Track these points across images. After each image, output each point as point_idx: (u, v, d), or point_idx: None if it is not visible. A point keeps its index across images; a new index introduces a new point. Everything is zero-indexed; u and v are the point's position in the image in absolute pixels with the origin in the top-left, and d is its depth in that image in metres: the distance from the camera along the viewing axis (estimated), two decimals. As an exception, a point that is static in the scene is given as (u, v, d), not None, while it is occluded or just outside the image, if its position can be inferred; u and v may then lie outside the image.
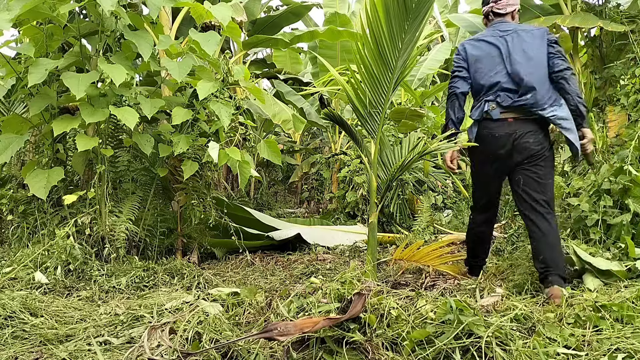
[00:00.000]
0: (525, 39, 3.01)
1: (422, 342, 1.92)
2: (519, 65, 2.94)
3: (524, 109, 2.91)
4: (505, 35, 3.05)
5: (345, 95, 3.49)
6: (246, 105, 5.12)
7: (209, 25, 4.93)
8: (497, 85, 2.97)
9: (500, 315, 2.13)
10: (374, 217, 3.39)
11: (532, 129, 2.90)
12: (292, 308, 2.29)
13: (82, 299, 3.07)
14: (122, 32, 3.51)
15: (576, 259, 2.82)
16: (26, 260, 3.36)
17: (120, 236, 3.70)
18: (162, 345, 2.04)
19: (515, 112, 2.93)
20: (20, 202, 3.94)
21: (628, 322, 2.07)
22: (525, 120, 2.92)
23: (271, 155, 4.31)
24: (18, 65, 3.66)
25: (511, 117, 2.93)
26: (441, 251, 3.37)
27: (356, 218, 6.56)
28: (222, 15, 3.62)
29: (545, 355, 1.83)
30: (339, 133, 8.19)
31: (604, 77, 5.20)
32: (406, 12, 3.07)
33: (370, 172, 3.43)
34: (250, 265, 4.22)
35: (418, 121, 6.37)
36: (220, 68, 3.86)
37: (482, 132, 3.01)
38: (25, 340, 2.37)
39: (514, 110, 2.92)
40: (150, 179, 4.21)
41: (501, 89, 2.96)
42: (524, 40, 3.00)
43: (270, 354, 2.07)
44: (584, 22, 4.83)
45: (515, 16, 3.21)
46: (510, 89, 2.94)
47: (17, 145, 3.49)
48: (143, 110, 3.51)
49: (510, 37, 3.03)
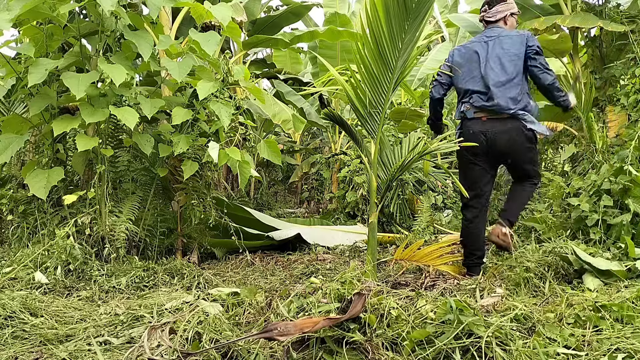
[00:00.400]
0: (503, 46, 3.32)
1: (422, 342, 1.92)
2: (491, 72, 3.29)
3: (493, 111, 3.28)
4: (488, 41, 3.37)
5: (345, 95, 3.49)
6: (246, 105, 5.11)
7: (209, 25, 4.93)
8: (471, 89, 3.35)
9: (500, 315, 2.13)
10: (374, 217, 3.39)
11: (503, 128, 3.26)
12: (292, 308, 2.28)
13: (82, 299, 3.07)
14: (122, 32, 3.50)
15: (576, 259, 2.82)
16: (26, 260, 3.36)
17: (120, 236, 3.70)
18: (162, 345, 2.04)
19: (485, 112, 3.31)
20: (20, 202, 3.93)
21: (628, 322, 2.07)
22: (496, 119, 3.28)
23: (271, 155, 4.31)
24: (18, 65, 3.66)
25: (484, 117, 3.31)
26: (441, 251, 3.38)
27: (356, 218, 6.55)
28: (222, 15, 3.61)
29: (545, 355, 1.83)
30: (339, 133, 8.19)
31: (604, 77, 5.20)
32: (406, 12, 3.07)
33: (370, 172, 3.43)
34: (250, 265, 4.22)
35: (418, 121, 6.37)
36: (220, 68, 3.86)
37: (463, 130, 3.39)
38: (25, 340, 2.37)
39: (485, 110, 3.30)
40: (150, 179, 4.21)
41: (474, 91, 3.34)
42: (502, 47, 3.31)
43: (270, 354, 2.07)
44: (584, 22, 4.82)
45: (508, 20, 3.47)
46: (481, 91, 3.31)
47: (17, 145, 3.48)
48: (143, 110, 3.50)
49: (492, 42, 3.35)
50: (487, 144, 3.28)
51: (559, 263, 2.85)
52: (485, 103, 3.29)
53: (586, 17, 4.90)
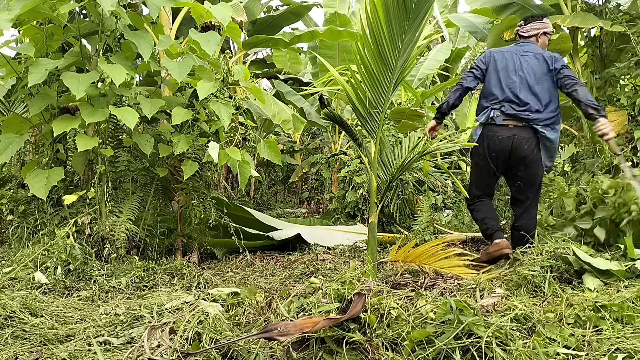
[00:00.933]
0: (533, 65, 3.52)
1: (422, 342, 1.92)
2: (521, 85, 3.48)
3: (522, 119, 3.45)
4: (525, 55, 3.56)
5: (345, 95, 3.49)
6: (246, 105, 5.12)
7: (209, 25, 4.94)
8: (503, 97, 3.50)
9: (500, 315, 2.13)
10: (374, 217, 3.39)
11: (527, 136, 3.45)
12: (292, 308, 2.28)
13: (82, 299, 3.06)
14: (122, 32, 3.51)
15: (575, 260, 2.82)
16: (26, 260, 3.36)
17: (120, 236, 3.70)
18: (162, 345, 2.04)
19: (514, 120, 3.47)
20: (20, 202, 3.93)
21: (628, 322, 2.07)
22: (522, 127, 3.46)
23: (271, 155, 4.31)
24: (18, 65, 3.66)
25: (512, 124, 3.47)
26: (434, 249, 3.37)
27: (356, 218, 6.55)
28: (222, 15, 3.61)
29: (545, 355, 1.83)
30: (339, 133, 8.19)
31: (604, 77, 5.20)
32: (406, 12, 3.07)
33: (370, 172, 3.43)
34: (250, 265, 4.22)
35: (418, 121, 6.36)
36: (220, 68, 3.86)
37: (487, 133, 3.54)
38: (25, 340, 2.37)
39: (514, 119, 3.47)
40: (150, 179, 4.21)
41: (506, 100, 3.49)
42: (532, 66, 3.51)
43: (270, 354, 2.07)
44: (584, 22, 4.82)
45: (540, 39, 3.69)
46: (513, 101, 3.48)
47: (17, 145, 3.49)
48: (143, 110, 3.50)
49: (525, 59, 3.54)
50: (511, 148, 3.47)
51: (560, 266, 2.85)
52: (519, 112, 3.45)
53: (586, 17, 4.90)
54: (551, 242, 3.10)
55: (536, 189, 3.59)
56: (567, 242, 3.08)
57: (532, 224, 3.54)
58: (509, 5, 5.49)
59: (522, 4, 5.44)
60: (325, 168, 8.08)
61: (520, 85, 3.47)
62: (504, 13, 5.52)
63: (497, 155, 3.50)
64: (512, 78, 3.51)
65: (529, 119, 3.43)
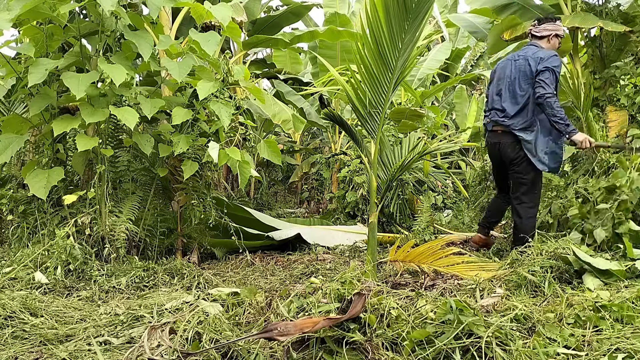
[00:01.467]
0: (521, 68, 3.60)
1: (422, 342, 1.92)
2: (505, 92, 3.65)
3: (502, 125, 3.67)
4: (517, 60, 3.65)
5: (345, 95, 3.49)
6: (246, 105, 5.12)
7: (209, 25, 4.94)
8: (491, 105, 3.77)
9: (500, 315, 2.13)
10: (374, 217, 3.39)
11: (509, 141, 3.65)
12: (292, 308, 2.29)
13: (82, 299, 3.07)
14: (122, 32, 3.51)
15: (575, 260, 2.82)
16: (26, 260, 3.36)
17: (120, 236, 3.70)
18: (162, 345, 2.04)
19: (499, 126, 3.70)
20: (20, 202, 3.93)
21: (628, 322, 2.07)
22: (505, 133, 3.67)
23: (271, 155, 4.31)
24: (18, 65, 3.66)
25: (499, 130, 3.72)
26: (433, 249, 3.37)
27: (356, 218, 6.55)
28: (222, 15, 3.61)
29: (545, 355, 1.83)
30: (339, 133, 8.19)
31: (603, 77, 5.19)
32: (406, 12, 3.07)
33: (370, 172, 3.43)
34: (250, 265, 4.22)
35: (418, 121, 6.37)
36: (220, 68, 3.86)
37: (486, 138, 3.91)
38: (25, 340, 2.37)
39: (498, 125, 3.70)
40: (150, 179, 4.21)
41: (492, 107, 3.75)
42: (520, 69, 3.60)
43: (270, 354, 2.07)
44: (584, 22, 4.82)
45: (551, 40, 3.73)
46: (497, 108, 3.70)
47: (17, 145, 3.49)
48: (143, 110, 3.50)
49: (517, 62, 3.64)
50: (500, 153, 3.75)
51: (560, 266, 2.85)
52: (499, 119, 3.68)
53: (586, 17, 4.89)
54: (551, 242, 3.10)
55: (526, 190, 3.67)
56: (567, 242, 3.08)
57: (527, 224, 3.60)
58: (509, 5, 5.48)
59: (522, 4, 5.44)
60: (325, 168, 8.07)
61: (505, 92, 3.65)
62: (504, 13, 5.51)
63: (493, 158, 3.90)
64: (500, 86, 3.72)
65: (505, 124, 3.64)
